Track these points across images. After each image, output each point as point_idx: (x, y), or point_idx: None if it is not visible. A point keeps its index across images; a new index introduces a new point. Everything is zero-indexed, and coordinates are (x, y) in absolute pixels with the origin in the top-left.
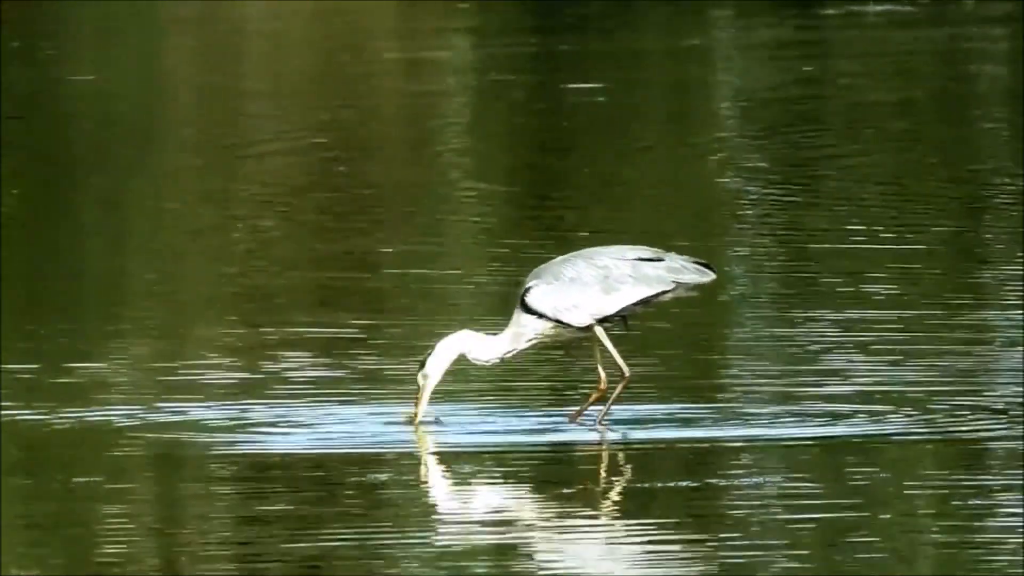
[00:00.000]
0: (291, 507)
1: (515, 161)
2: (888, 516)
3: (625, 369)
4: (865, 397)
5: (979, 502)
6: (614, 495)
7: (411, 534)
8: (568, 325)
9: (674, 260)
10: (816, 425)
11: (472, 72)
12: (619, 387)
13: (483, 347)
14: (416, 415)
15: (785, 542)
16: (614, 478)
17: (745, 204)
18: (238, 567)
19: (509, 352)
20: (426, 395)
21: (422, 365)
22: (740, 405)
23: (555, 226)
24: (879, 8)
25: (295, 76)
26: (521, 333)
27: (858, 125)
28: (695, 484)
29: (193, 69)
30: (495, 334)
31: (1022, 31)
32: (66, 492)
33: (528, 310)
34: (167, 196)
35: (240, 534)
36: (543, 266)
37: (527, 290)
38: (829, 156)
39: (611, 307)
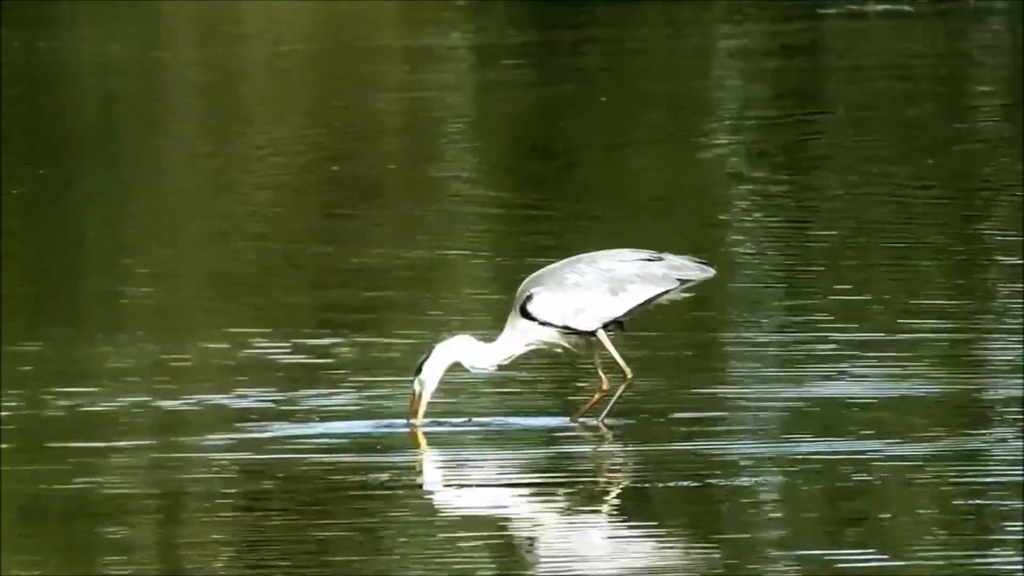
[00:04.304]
0: (291, 504)
1: (514, 161)
2: (888, 516)
3: (627, 371)
4: (865, 398)
5: (979, 502)
6: (615, 495)
7: (411, 534)
8: (575, 331)
9: (674, 259)
10: (815, 425)
11: (471, 70)
12: (622, 387)
13: (479, 354)
14: (416, 423)
15: (785, 543)
16: (615, 478)
17: (745, 205)
18: (239, 566)
19: (505, 360)
20: (424, 401)
21: (418, 370)
22: (740, 406)
23: (554, 225)
24: (879, 8)
25: (294, 73)
26: (519, 340)
27: (858, 125)
28: (695, 484)
29: (192, 66)
30: (490, 341)
31: (1022, 29)
32: (66, 491)
33: (529, 317)
34: (166, 192)
35: (241, 529)
36: (541, 272)
37: (528, 298)
38: (829, 157)
39: (619, 309)
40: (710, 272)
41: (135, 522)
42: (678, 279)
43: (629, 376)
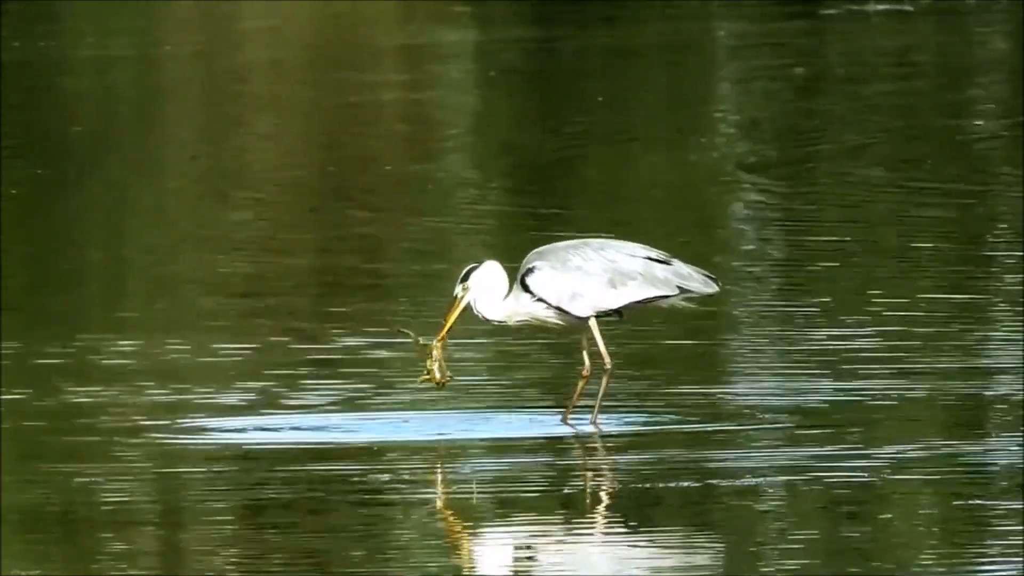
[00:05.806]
0: (289, 508)
1: (512, 162)
2: (888, 516)
3: (607, 361)
4: (866, 398)
5: (979, 502)
6: (615, 499)
7: (411, 535)
8: (568, 313)
9: (681, 267)
10: (815, 427)
11: (470, 69)
12: (604, 381)
13: (488, 300)
14: (442, 332)
15: (785, 543)
16: (615, 482)
17: (744, 206)
18: (239, 564)
19: (500, 320)
20: (458, 311)
21: (465, 278)
22: (739, 409)
23: (553, 227)
24: (880, 7)
25: (293, 73)
26: (516, 310)
27: (858, 125)
28: (696, 486)
29: (191, 65)
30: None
31: (1022, 28)
32: (67, 490)
33: (526, 289)
34: (163, 192)
35: (240, 530)
36: (547, 247)
37: (529, 270)
38: (828, 157)
39: (615, 301)
40: (713, 288)
41: (134, 526)
42: (679, 287)
43: (608, 366)
